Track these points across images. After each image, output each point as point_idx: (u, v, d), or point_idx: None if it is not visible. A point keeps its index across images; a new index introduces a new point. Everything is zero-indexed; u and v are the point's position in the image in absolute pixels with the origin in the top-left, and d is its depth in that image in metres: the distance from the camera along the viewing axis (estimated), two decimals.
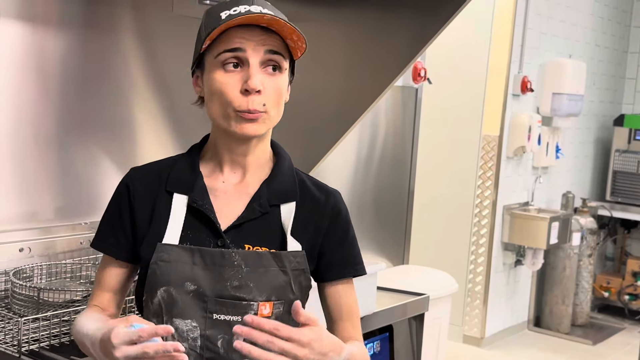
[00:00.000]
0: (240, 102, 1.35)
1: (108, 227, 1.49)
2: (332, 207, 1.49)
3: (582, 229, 5.63)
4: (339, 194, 1.53)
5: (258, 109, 1.35)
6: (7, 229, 2.17)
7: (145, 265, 1.40)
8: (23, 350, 1.72)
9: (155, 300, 1.39)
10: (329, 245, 1.49)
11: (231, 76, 1.35)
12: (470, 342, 5.24)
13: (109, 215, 1.49)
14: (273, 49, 1.36)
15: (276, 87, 1.38)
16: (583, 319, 5.85)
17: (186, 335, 1.38)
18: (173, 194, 1.43)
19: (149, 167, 1.50)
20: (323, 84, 2.59)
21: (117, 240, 1.47)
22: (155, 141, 2.56)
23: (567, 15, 5.55)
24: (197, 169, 1.45)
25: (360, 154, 3.43)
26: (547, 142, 5.43)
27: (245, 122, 1.36)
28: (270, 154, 1.50)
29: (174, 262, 1.38)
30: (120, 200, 1.47)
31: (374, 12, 2.45)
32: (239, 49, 1.34)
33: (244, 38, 1.34)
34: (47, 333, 1.79)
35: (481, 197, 5.17)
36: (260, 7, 1.35)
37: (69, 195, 2.34)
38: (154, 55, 2.51)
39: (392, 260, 3.70)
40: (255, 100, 1.35)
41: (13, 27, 2.15)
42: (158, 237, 1.40)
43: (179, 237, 1.40)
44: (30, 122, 2.22)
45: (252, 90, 1.33)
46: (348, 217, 1.53)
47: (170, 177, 1.45)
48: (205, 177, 1.45)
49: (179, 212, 1.42)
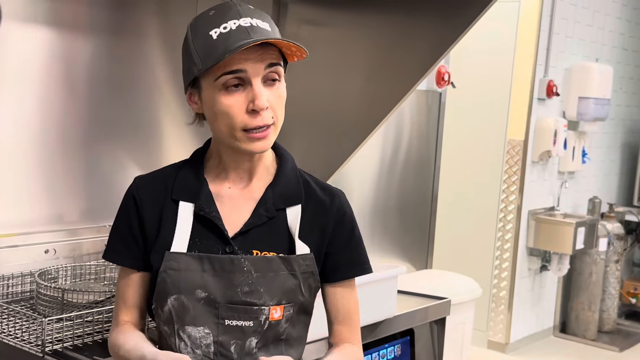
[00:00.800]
0: (248, 121, 1.35)
1: (119, 238, 1.48)
2: (337, 208, 1.49)
3: (608, 234, 5.57)
4: (343, 194, 1.53)
5: (268, 123, 1.36)
6: (33, 230, 2.21)
7: (154, 274, 1.41)
8: (47, 350, 1.74)
9: (166, 309, 1.40)
10: (335, 246, 1.49)
11: (235, 98, 1.35)
12: (494, 347, 5.21)
13: (118, 227, 1.49)
14: (272, 62, 1.35)
15: (279, 96, 1.38)
16: (610, 325, 5.79)
17: (199, 342, 1.39)
18: (179, 202, 1.43)
19: (154, 175, 1.50)
20: (346, 87, 2.60)
21: (131, 251, 1.46)
22: (179, 145, 2.58)
23: (594, 19, 5.51)
24: (202, 176, 1.45)
25: (384, 158, 3.43)
26: (573, 146, 5.39)
27: (255, 140, 1.36)
28: (273, 155, 1.50)
29: (184, 270, 1.38)
30: (129, 211, 1.47)
31: (397, 16, 2.46)
32: (239, 70, 1.33)
33: (242, 58, 1.32)
34: (71, 333, 1.81)
35: (506, 201, 5.14)
36: (249, 19, 1.34)
37: (95, 198, 2.37)
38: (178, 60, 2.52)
39: (415, 265, 3.70)
40: (264, 117, 1.35)
41: (41, 33, 2.18)
42: (166, 245, 1.41)
43: (187, 245, 1.40)
44: (57, 126, 2.26)
45: (261, 110, 1.34)
46: (353, 217, 1.53)
47: (176, 185, 1.44)
48: (210, 183, 1.45)
49: (186, 220, 1.42)
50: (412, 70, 2.42)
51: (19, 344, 1.78)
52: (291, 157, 1.51)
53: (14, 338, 1.80)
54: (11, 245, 2.14)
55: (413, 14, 2.41)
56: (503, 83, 5.03)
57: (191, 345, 1.38)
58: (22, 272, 2.11)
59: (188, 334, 1.38)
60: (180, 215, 1.42)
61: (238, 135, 1.36)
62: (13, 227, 2.17)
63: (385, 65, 2.51)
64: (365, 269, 1.53)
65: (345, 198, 1.53)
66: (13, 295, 2.08)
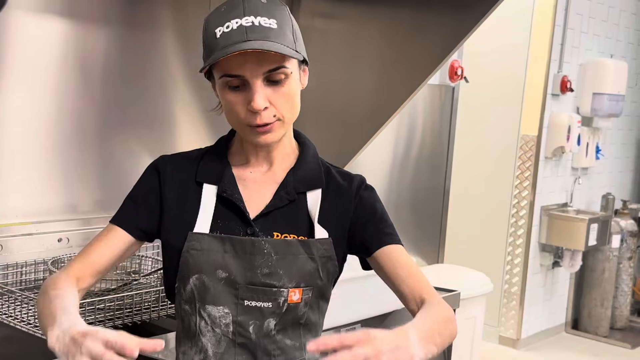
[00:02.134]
0: (250, 119, 1.37)
1: (130, 203, 1.50)
2: (356, 190, 1.50)
3: (622, 231, 5.55)
4: (363, 177, 1.54)
5: (268, 122, 1.37)
6: (46, 219, 2.24)
7: (175, 253, 1.43)
8: None
9: (188, 288, 1.42)
10: (359, 222, 1.49)
11: (237, 95, 1.37)
12: (506, 343, 5.20)
13: (133, 193, 1.51)
14: (271, 68, 1.35)
15: (284, 94, 1.38)
16: (622, 322, 5.77)
17: (219, 322, 1.41)
18: (203, 185, 1.46)
19: (178, 156, 1.53)
20: (358, 81, 2.61)
21: (136, 216, 1.47)
22: (193, 136, 2.60)
23: (609, 14, 5.48)
24: (226, 160, 1.49)
25: (397, 153, 3.44)
26: (587, 142, 5.37)
27: (260, 134, 1.39)
28: (295, 144, 1.52)
29: (206, 250, 1.41)
30: (149, 182, 1.49)
31: (409, 10, 2.46)
32: (237, 75, 1.35)
33: (240, 63, 1.34)
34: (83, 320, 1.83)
35: (518, 197, 5.13)
36: (252, 17, 1.34)
37: (108, 188, 2.39)
38: (192, 52, 2.55)
39: (427, 259, 3.70)
40: (264, 116, 1.36)
41: (57, 25, 2.21)
42: (189, 226, 1.43)
43: (209, 226, 1.43)
44: (71, 117, 2.28)
45: (256, 111, 1.35)
46: (374, 195, 1.52)
47: (200, 168, 1.48)
48: (233, 167, 1.48)
49: (209, 201, 1.45)
50: (425, 64, 2.43)
51: (32, 330, 1.80)
52: (313, 145, 1.54)
53: (27, 324, 1.83)
54: (25, 234, 2.17)
55: (425, 7, 2.42)
56: (517, 78, 5.02)
57: (211, 324, 1.42)
58: (36, 260, 2.13)
59: (208, 313, 1.41)
60: (204, 197, 1.45)
61: (244, 130, 1.40)
62: (27, 216, 2.20)
63: (398, 59, 2.52)
64: (394, 239, 1.49)
65: (364, 180, 1.53)
66: (26, 283, 2.11)
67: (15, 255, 2.12)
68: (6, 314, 1.88)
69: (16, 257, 2.11)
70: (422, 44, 2.44)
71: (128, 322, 1.90)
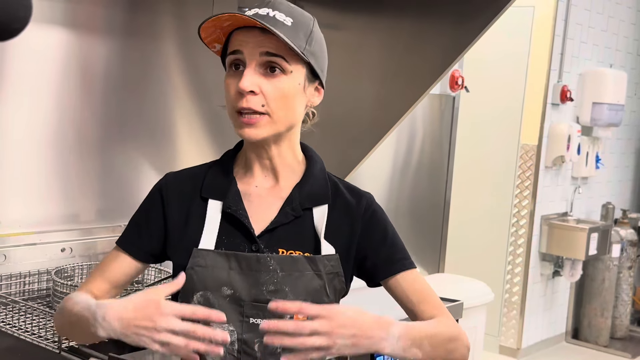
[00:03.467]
0: (236, 102, 1.36)
1: (134, 226, 1.50)
2: (365, 209, 1.48)
3: (622, 240, 5.55)
4: (371, 196, 1.52)
5: (255, 109, 1.35)
6: (49, 229, 2.24)
7: (180, 270, 1.40)
8: (63, 346, 1.77)
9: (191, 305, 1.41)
10: (370, 247, 1.47)
11: (233, 77, 1.38)
12: (506, 352, 5.20)
13: (137, 216, 1.51)
14: (270, 51, 1.35)
15: (277, 88, 1.36)
16: (622, 332, 5.77)
17: None
18: (208, 200, 1.44)
19: (184, 173, 1.51)
20: (360, 91, 2.61)
21: (140, 240, 1.47)
22: (194, 146, 2.60)
23: (609, 24, 5.50)
24: (231, 175, 1.47)
25: (397, 162, 3.44)
26: (586, 152, 5.38)
27: (244, 126, 1.37)
28: (301, 158, 1.50)
29: (211, 267, 1.39)
30: (152, 205, 1.48)
31: (411, 21, 2.47)
32: (238, 52, 1.36)
33: (242, 40, 1.36)
34: None
35: (519, 206, 5.14)
36: (270, 10, 1.36)
37: (110, 198, 2.39)
38: (194, 61, 2.56)
39: (428, 269, 3.70)
40: (251, 100, 1.35)
41: (58, 34, 2.21)
42: (193, 242, 1.41)
43: (214, 243, 1.41)
44: (73, 126, 2.29)
45: (242, 91, 1.34)
46: (384, 216, 1.51)
47: (205, 184, 1.46)
48: (238, 182, 1.46)
49: (214, 218, 1.43)
50: (426, 74, 2.44)
51: (36, 340, 1.80)
52: (321, 160, 1.51)
53: (31, 335, 1.83)
54: (28, 244, 2.17)
55: (427, 18, 2.43)
56: (517, 88, 5.04)
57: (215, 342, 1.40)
58: (39, 270, 2.14)
59: None
60: (209, 213, 1.43)
61: (234, 119, 1.39)
62: (30, 226, 2.21)
63: (399, 70, 2.53)
64: (405, 265, 1.49)
65: (373, 199, 1.52)
66: (29, 293, 2.11)
67: (18, 265, 2.12)
68: (10, 324, 1.89)
69: (19, 267, 2.12)
70: (424, 54, 2.45)
71: None
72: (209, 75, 2.58)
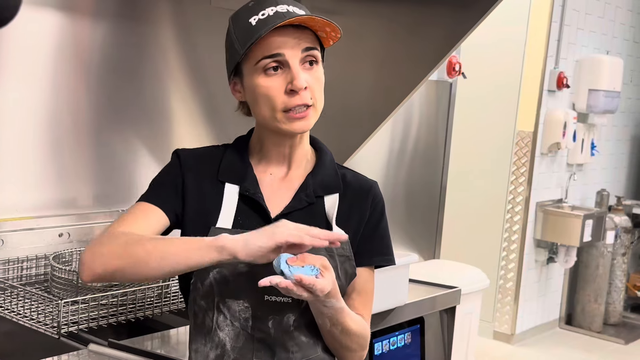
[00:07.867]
0: (288, 101, 1.39)
1: (158, 186, 1.49)
2: (373, 197, 1.54)
3: (616, 227, 5.58)
4: (377, 184, 1.57)
5: (308, 103, 1.40)
6: (47, 214, 2.23)
7: None
8: (62, 332, 1.77)
9: (207, 282, 1.42)
10: (363, 233, 1.52)
11: (274, 79, 1.39)
12: (500, 338, 5.23)
13: (159, 178, 1.50)
14: (309, 46, 1.40)
15: (317, 79, 1.42)
16: (615, 318, 5.80)
17: (238, 316, 1.42)
18: (225, 184, 1.47)
19: (198, 151, 1.53)
20: (358, 77, 2.61)
21: (167, 196, 1.46)
22: (191, 131, 2.60)
23: (605, 11, 5.50)
24: (247, 161, 1.50)
25: (393, 148, 3.44)
26: (582, 139, 5.39)
27: (295, 121, 1.40)
28: (311, 149, 1.54)
29: None
30: (173, 169, 1.49)
31: (410, 7, 2.46)
32: (277, 54, 1.38)
33: (281, 42, 1.38)
34: (86, 316, 1.84)
35: (514, 193, 5.15)
36: (285, 6, 1.39)
37: (107, 183, 2.39)
38: (191, 46, 2.55)
39: (423, 255, 3.71)
40: (303, 97, 1.39)
41: (53, 18, 2.19)
42: (207, 221, 1.44)
43: (232, 223, 1.44)
44: (69, 111, 2.27)
45: (299, 90, 1.38)
46: (383, 209, 1.56)
47: (222, 167, 1.49)
48: (253, 168, 1.49)
49: (232, 199, 1.46)
50: (425, 61, 2.44)
51: (35, 326, 1.80)
52: (329, 151, 1.56)
53: (30, 320, 1.83)
54: (26, 229, 2.16)
55: (426, 5, 2.42)
56: (513, 74, 5.03)
57: (230, 317, 1.42)
58: (37, 255, 2.13)
59: (228, 307, 1.42)
60: (226, 196, 1.46)
61: (279, 117, 1.41)
62: (27, 211, 2.20)
63: (398, 56, 2.52)
64: (387, 260, 1.56)
65: (379, 189, 1.57)
66: (27, 278, 2.11)
67: (16, 250, 2.12)
68: (8, 309, 1.89)
69: (17, 252, 2.11)
70: (422, 41, 2.45)
71: (131, 317, 1.90)
72: (206, 59, 2.57)
